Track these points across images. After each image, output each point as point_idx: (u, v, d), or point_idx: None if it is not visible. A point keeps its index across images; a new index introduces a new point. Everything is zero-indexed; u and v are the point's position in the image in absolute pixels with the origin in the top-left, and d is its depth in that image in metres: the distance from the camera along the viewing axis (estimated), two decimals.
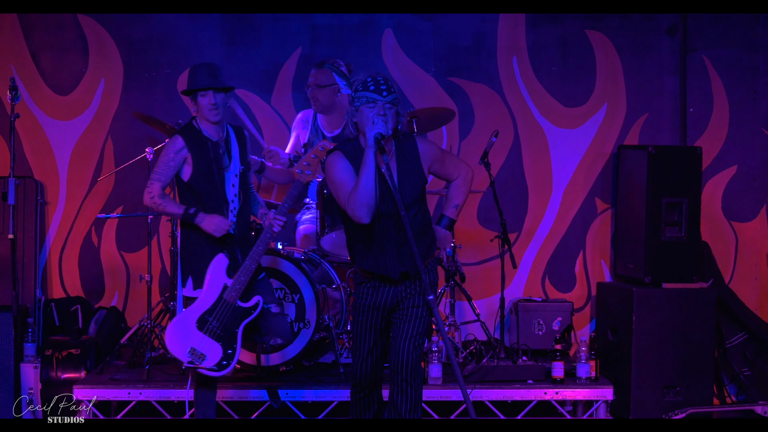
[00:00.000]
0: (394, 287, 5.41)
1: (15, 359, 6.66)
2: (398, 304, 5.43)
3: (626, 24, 7.66)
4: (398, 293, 5.42)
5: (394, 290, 5.41)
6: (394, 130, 5.34)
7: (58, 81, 7.60)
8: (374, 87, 5.31)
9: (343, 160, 5.37)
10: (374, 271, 5.38)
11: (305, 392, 6.27)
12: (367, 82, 5.34)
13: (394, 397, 5.38)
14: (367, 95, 5.31)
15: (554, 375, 6.49)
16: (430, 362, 6.41)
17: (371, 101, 5.29)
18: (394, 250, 5.38)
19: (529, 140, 7.69)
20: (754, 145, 7.59)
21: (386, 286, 5.41)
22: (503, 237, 6.99)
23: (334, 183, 5.36)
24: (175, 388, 6.32)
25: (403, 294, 5.42)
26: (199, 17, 7.59)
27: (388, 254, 5.38)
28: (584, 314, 7.66)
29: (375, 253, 5.38)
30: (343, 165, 5.36)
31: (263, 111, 7.66)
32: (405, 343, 5.40)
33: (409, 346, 5.40)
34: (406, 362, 5.38)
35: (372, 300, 5.42)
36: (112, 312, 7.35)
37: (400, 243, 5.37)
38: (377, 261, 5.38)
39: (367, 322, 5.45)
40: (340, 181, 5.34)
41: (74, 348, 6.73)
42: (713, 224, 7.58)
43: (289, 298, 6.52)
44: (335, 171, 5.37)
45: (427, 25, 7.66)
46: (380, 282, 5.40)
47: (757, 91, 7.58)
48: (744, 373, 7.19)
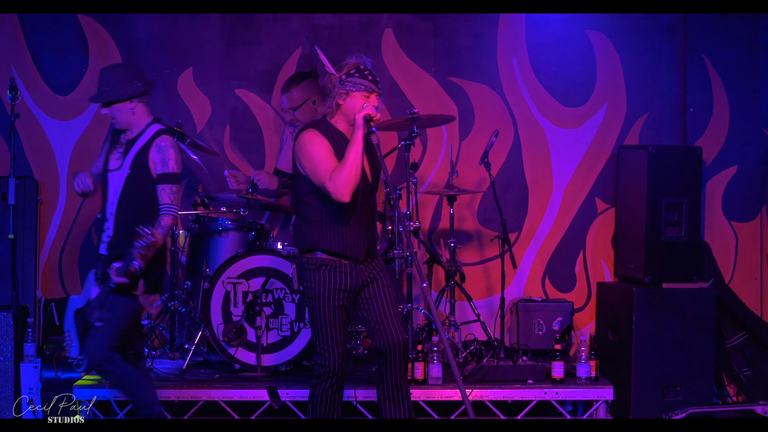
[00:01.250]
0: (356, 267, 5.48)
1: (15, 359, 6.66)
2: (365, 285, 5.51)
3: (626, 24, 7.65)
4: (361, 273, 5.50)
5: (357, 270, 5.49)
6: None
7: (58, 81, 7.60)
8: (371, 78, 5.47)
9: (321, 137, 5.42)
10: (342, 252, 5.45)
11: (305, 392, 6.27)
12: (363, 70, 5.48)
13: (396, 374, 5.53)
14: (366, 84, 5.44)
15: (554, 375, 6.49)
16: (430, 362, 6.41)
17: (369, 90, 5.45)
18: (360, 232, 5.49)
19: (529, 140, 7.69)
20: (754, 145, 7.59)
21: (348, 268, 5.47)
22: (503, 237, 6.99)
23: (311, 159, 5.38)
24: (174, 388, 6.32)
25: (366, 273, 5.51)
26: (199, 17, 7.59)
27: (354, 235, 5.47)
28: (584, 314, 7.66)
29: (344, 234, 5.45)
30: (322, 142, 5.41)
31: (263, 111, 7.66)
32: (395, 325, 5.55)
33: (399, 326, 5.56)
34: (403, 342, 5.54)
35: (337, 283, 5.46)
36: None
37: (363, 224, 5.50)
38: (346, 242, 5.45)
39: (337, 306, 5.47)
40: (319, 158, 5.37)
41: None
42: (713, 224, 7.58)
43: (289, 298, 6.52)
44: (314, 147, 5.40)
45: (427, 25, 7.66)
46: (344, 263, 5.45)
47: (757, 91, 7.58)
48: (744, 373, 7.18)
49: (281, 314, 6.52)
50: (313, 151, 5.40)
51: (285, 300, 6.51)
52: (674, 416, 6.47)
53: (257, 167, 7.57)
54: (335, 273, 5.46)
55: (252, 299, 6.50)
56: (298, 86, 6.97)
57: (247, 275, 6.56)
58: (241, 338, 6.50)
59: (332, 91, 5.51)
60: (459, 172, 7.22)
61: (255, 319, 6.49)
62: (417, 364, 6.39)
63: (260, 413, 6.36)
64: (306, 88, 6.98)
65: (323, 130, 5.47)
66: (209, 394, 6.31)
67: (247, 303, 6.51)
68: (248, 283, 6.55)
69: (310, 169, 5.39)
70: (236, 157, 7.63)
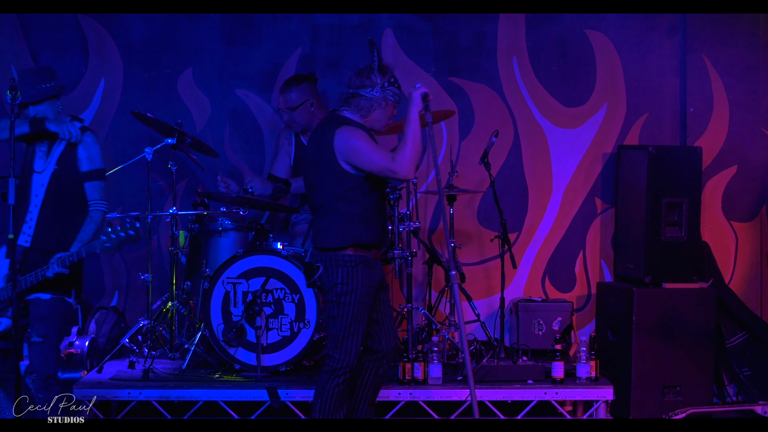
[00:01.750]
0: (380, 264, 5.51)
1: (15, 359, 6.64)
2: (383, 286, 5.54)
3: (626, 24, 7.65)
4: (381, 271, 5.52)
5: (380, 268, 5.51)
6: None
7: None
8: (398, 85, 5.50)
9: (360, 130, 5.40)
10: (381, 244, 5.46)
11: (305, 392, 6.27)
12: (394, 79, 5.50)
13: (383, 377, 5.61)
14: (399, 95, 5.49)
15: (554, 375, 6.49)
16: (430, 362, 6.41)
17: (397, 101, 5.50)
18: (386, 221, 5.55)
19: (529, 140, 7.69)
20: (754, 145, 7.59)
21: (378, 265, 5.49)
22: (503, 237, 6.99)
23: (361, 151, 5.32)
24: (175, 388, 6.32)
25: (382, 272, 5.54)
26: (199, 17, 7.58)
27: (384, 224, 5.52)
28: (584, 314, 7.66)
29: (381, 225, 5.49)
30: (363, 133, 5.38)
31: (263, 111, 7.66)
32: (393, 329, 5.60)
33: (395, 330, 5.62)
34: (395, 348, 5.59)
35: (371, 279, 5.44)
36: (112, 311, 7.34)
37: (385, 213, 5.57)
38: (383, 232, 5.50)
39: (368, 302, 5.45)
40: (371, 146, 5.33)
41: (74, 348, 6.72)
42: (713, 224, 7.58)
43: (289, 298, 6.52)
44: (360, 139, 5.35)
45: (427, 25, 7.66)
46: (374, 260, 5.46)
47: (757, 91, 7.58)
48: (744, 373, 7.18)
49: (281, 314, 6.51)
50: (361, 143, 5.33)
51: (285, 300, 6.51)
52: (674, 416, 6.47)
53: (257, 167, 7.58)
54: (369, 269, 5.42)
55: (252, 299, 6.50)
56: (297, 87, 6.97)
57: (247, 275, 6.55)
58: (241, 338, 6.49)
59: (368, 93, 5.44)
60: (459, 172, 7.22)
61: (255, 319, 6.49)
62: (417, 364, 6.38)
63: (260, 413, 6.36)
64: (304, 90, 6.98)
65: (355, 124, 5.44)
66: (209, 394, 6.31)
67: (247, 303, 6.51)
68: (248, 283, 6.55)
69: (365, 159, 5.33)
70: (236, 158, 7.63)
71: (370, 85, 5.44)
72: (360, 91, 5.44)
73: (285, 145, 7.18)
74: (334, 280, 5.41)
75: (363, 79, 5.45)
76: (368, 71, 5.47)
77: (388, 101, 5.44)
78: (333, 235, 5.43)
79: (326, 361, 5.48)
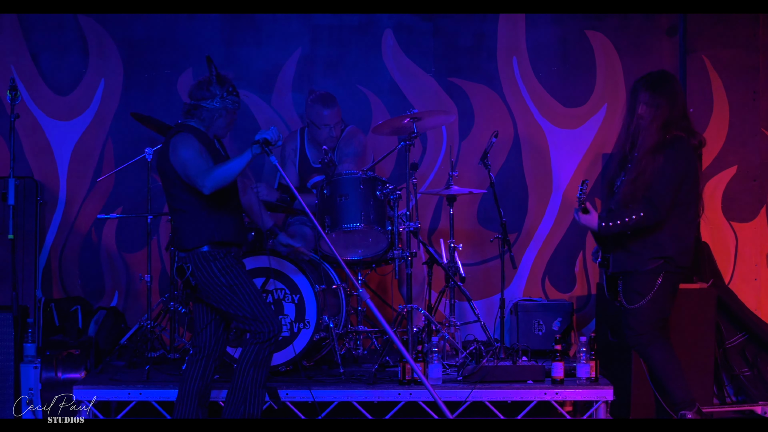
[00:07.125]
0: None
1: (15, 359, 6.66)
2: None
3: (626, 24, 7.66)
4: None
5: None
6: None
7: (58, 81, 7.60)
8: (236, 92, 5.83)
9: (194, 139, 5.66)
10: (238, 241, 5.85)
11: (305, 392, 6.27)
12: (233, 88, 5.79)
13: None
14: (237, 101, 5.82)
15: (554, 375, 6.48)
16: (430, 362, 6.41)
17: (237, 104, 5.84)
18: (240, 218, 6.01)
19: (529, 140, 7.69)
20: (754, 145, 7.59)
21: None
22: (503, 237, 6.99)
23: (183, 159, 5.57)
24: (175, 389, 6.31)
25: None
26: (199, 17, 7.59)
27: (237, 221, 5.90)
28: (584, 314, 7.66)
29: (232, 221, 5.85)
30: (194, 142, 5.63)
31: (263, 111, 7.66)
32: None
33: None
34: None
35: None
36: (112, 312, 7.35)
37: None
38: (237, 229, 5.91)
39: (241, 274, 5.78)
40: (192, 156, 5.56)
41: (74, 348, 6.73)
42: (713, 224, 7.58)
43: (289, 299, 6.52)
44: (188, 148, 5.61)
45: (427, 25, 7.66)
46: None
47: (757, 91, 7.58)
48: (744, 373, 7.18)
49: (281, 314, 6.51)
50: (185, 152, 5.61)
51: (285, 300, 6.51)
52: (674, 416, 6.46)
53: (257, 167, 7.58)
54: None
55: None
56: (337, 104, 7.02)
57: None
58: (241, 339, 6.49)
59: (209, 104, 5.68)
60: (459, 173, 7.22)
61: None
62: (417, 365, 6.38)
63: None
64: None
65: (194, 132, 5.71)
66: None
67: None
68: None
69: (181, 167, 5.57)
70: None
71: (210, 97, 5.65)
72: (201, 103, 5.67)
73: (291, 156, 7.16)
74: (211, 274, 5.64)
75: (203, 91, 5.68)
76: (207, 83, 5.68)
77: (228, 109, 5.68)
78: (190, 235, 5.67)
79: (254, 338, 5.66)
